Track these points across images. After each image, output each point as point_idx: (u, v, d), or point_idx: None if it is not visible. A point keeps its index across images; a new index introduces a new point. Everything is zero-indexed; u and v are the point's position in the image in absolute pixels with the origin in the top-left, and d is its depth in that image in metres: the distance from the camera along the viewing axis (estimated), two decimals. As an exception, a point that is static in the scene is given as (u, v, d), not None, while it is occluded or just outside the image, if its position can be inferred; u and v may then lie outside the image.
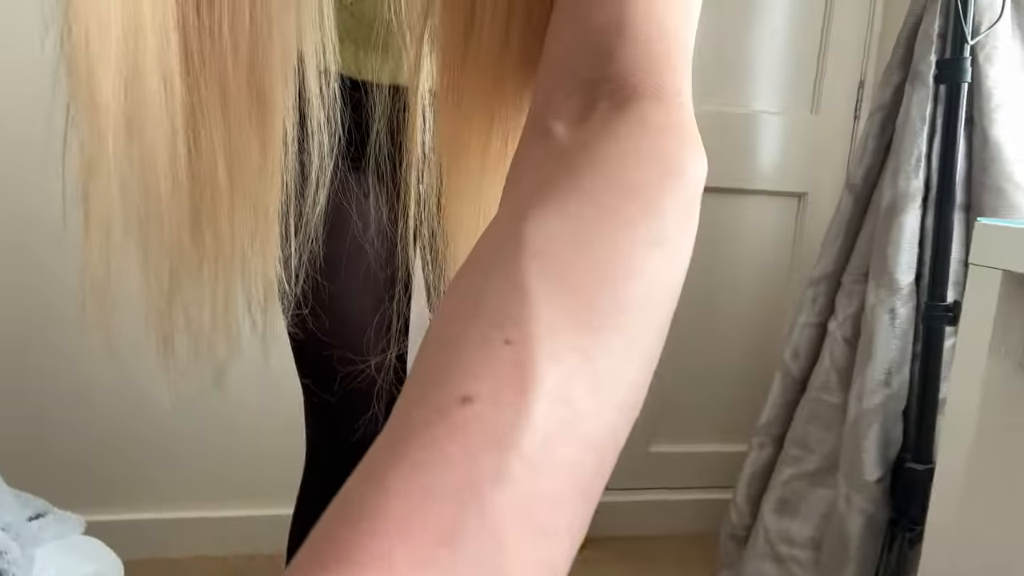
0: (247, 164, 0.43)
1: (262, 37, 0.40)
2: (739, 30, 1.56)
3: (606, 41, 0.32)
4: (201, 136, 0.41)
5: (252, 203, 0.44)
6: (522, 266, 0.26)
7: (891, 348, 1.21)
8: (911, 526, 1.18)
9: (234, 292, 0.46)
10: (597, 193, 0.28)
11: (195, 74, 0.39)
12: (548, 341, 0.24)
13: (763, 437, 1.44)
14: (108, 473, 1.47)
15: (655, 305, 0.27)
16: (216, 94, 0.40)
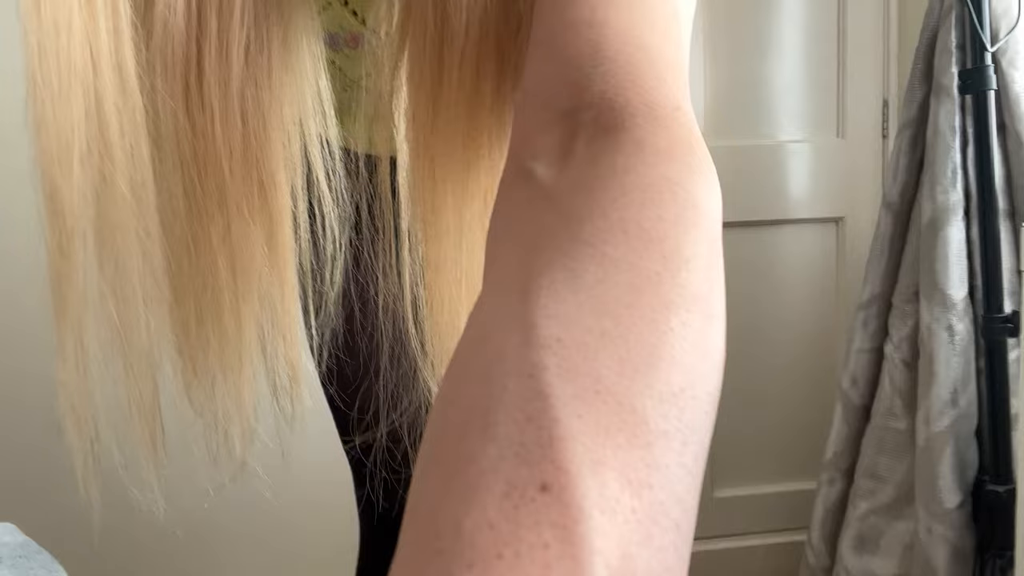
0: (251, 255, 0.42)
1: (256, 134, 0.39)
2: (755, 64, 1.57)
3: (585, 66, 0.29)
4: (197, 234, 0.40)
5: (263, 292, 0.43)
6: (536, 364, 0.21)
7: (953, 366, 1.17)
8: (1001, 551, 1.12)
9: (247, 386, 0.45)
10: (607, 247, 0.23)
11: (188, 173, 0.39)
12: (593, 479, 0.19)
13: (832, 472, 1.39)
14: (172, 564, 1.48)
15: (702, 387, 0.23)
16: (212, 191, 0.40)
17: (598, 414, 0.20)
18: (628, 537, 0.18)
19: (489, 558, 0.17)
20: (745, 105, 1.57)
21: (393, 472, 0.66)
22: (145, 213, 0.38)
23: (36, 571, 0.73)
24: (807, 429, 1.65)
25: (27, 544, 0.75)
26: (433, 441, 0.21)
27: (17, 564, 0.72)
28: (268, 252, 0.42)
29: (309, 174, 0.46)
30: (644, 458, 0.20)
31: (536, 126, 0.29)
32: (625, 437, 0.20)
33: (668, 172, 0.26)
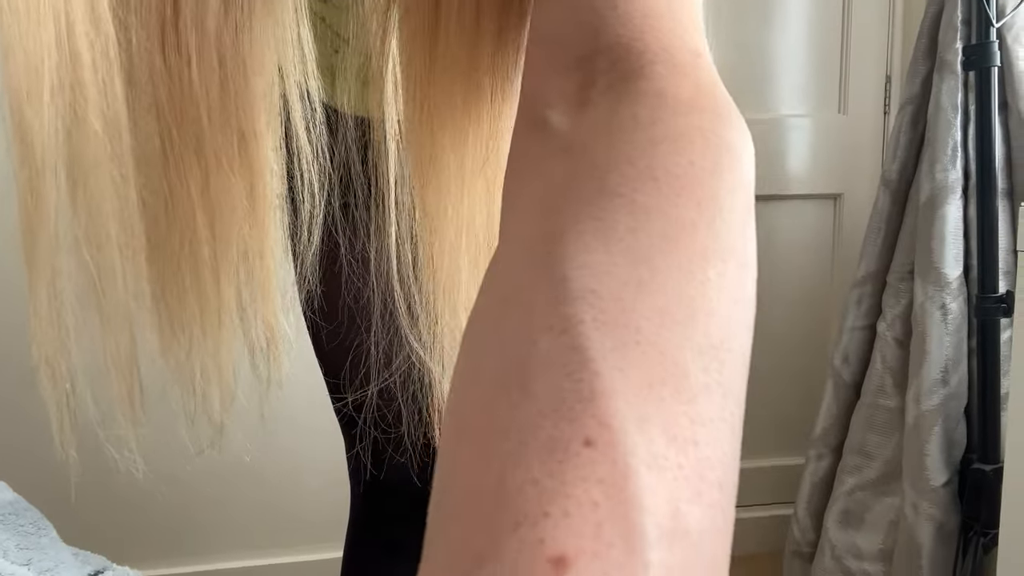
0: (231, 210, 0.40)
1: (235, 80, 0.37)
2: (758, 36, 1.55)
3: (600, 7, 0.27)
4: (174, 184, 0.38)
5: (242, 249, 0.41)
6: (570, 317, 0.19)
7: (945, 345, 1.17)
8: (984, 530, 1.13)
9: (226, 345, 0.43)
10: (637, 195, 0.22)
11: (164, 119, 0.37)
12: (639, 436, 0.18)
13: (820, 448, 1.40)
14: (165, 525, 1.50)
15: (739, 340, 0.22)
16: (189, 139, 0.38)
17: (639, 367, 0.19)
18: (677, 494, 0.18)
19: (536, 516, 0.17)
20: (746, 78, 1.55)
21: (383, 431, 0.66)
22: (120, 154, 0.36)
23: (27, 528, 0.73)
24: (799, 405, 1.66)
25: (17, 501, 0.75)
26: (464, 404, 0.20)
27: (7, 521, 0.72)
28: (248, 207, 0.40)
29: (289, 127, 0.44)
30: (688, 413, 0.19)
31: (549, 73, 0.27)
32: (668, 391, 0.19)
33: (696, 119, 0.24)
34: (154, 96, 0.36)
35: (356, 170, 0.51)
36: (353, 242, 0.57)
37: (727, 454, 0.20)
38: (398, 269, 0.46)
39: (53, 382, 0.38)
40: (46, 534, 0.72)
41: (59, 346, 0.37)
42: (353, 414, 0.64)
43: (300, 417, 1.51)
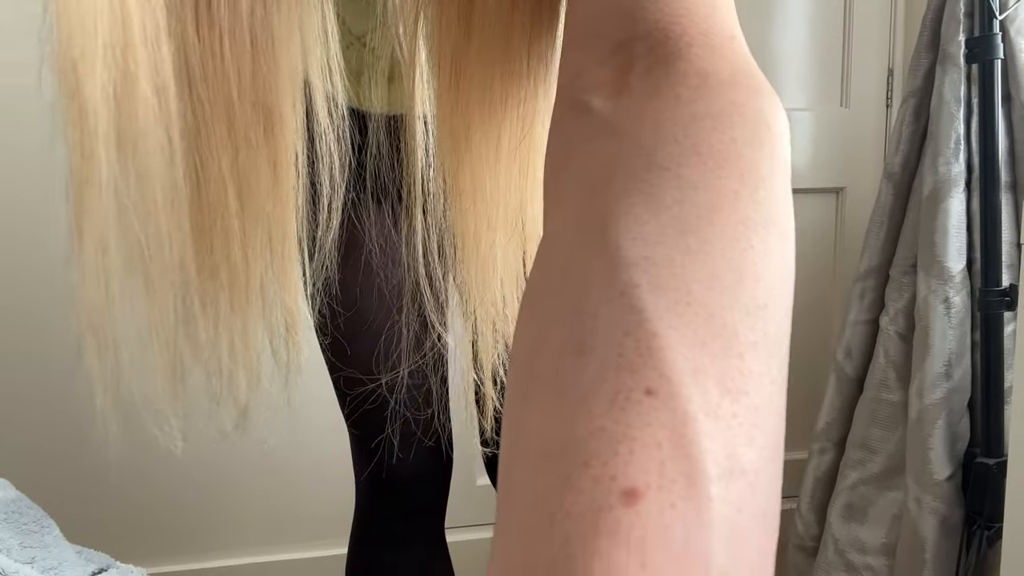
0: (257, 187, 0.40)
1: (266, 57, 0.38)
2: (759, 29, 1.54)
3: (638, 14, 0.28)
4: (206, 157, 0.38)
5: (267, 229, 0.41)
6: (627, 282, 0.21)
7: (948, 339, 1.17)
8: (988, 524, 1.12)
9: (253, 324, 0.43)
10: (682, 169, 0.23)
11: (197, 92, 0.37)
12: (695, 386, 0.19)
13: (823, 442, 1.40)
14: (171, 523, 1.50)
15: (782, 302, 0.23)
16: (221, 114, 0.38)
17: (692, 326, 0.20)
18: (732, 440, 0.19)
19: (605, 456, 0.18)
20: (748, 72, 1.55)
21: (415, 412, 0.68)
22: (168, 121, 0.36)
23: (30, 526, 0.73)
24: (802, 399, 1.66)
25: (20, 499, 0.75)
26: (530, 368, 0.22)
27: (10, 519, 0.72)
28: (273, 185, 0.40)
29: (310, 111, 0.44)
30: (738, 367, 0.20)
31: (589, 58, 0.28)
32: (719, 347, 0.20)
33: (736, 97, 0.25)
34: (187, 70, 0.36)
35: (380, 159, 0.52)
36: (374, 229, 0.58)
37: (775, 406, 0.21)
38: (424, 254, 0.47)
39: (98, 351, 0.38)
40: (49, 532, 0.72)
41: (105, 314, 0.37)
42: (386, 395, 0.66)
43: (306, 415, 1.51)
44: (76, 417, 1.43)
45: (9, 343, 1.38)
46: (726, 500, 0.19)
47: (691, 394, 0.19)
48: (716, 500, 0.18)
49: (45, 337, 1.40)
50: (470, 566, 1.47)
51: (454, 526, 1.57)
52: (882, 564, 1.27)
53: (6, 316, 1.38)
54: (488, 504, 1.41)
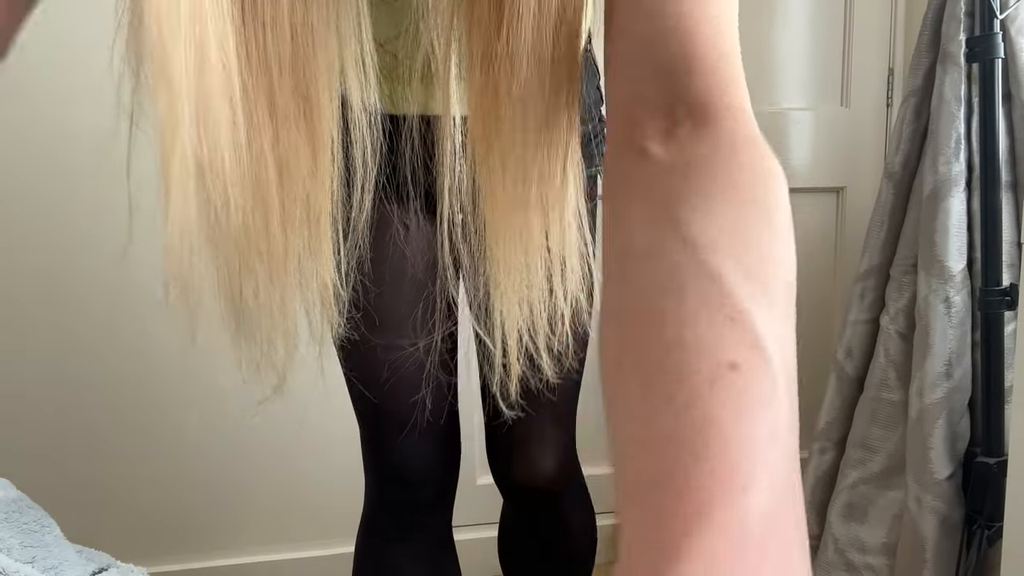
0: (296, 167, 0.43)
1: (305, 50, 0.41)
2: (761, 28, 1.54)
3: (680, 69, 0.38)
4: (252, 135, 0.41)
5: (305, 207, 0.45)
6: (707, 262, 0.31)
7: (949, 338, 1.17)
8: (989, 523, 1.12)
9: (290, 295, 0.47)
10: (725, 193, 0.34)
11: (244, 72, 0.40)
12: (759, 315, 0.30)
13: (824, 442, 1.40)
14: (171, 523, 1.50)
15: (792, 285, 0.34)
16: (263, 98, 0.41)
17: (752, 287, 0.31)
18: (777, 346, 0.30)
19: (720, 348, 0.29)
20: (749, 71, 1.53)
21: (447, 374, 0.77)
22: (232, 93, 0.39)
23: (30, 526, 0.73)
24: (802, 398, 1.65)
25: (20, 499, 0.75)
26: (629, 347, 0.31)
27: (10, 519, 0.72)
28: (312, 167, 0.44)
29: (345, 101, 0.48)
30: (776, 314, 0.31)
31: (644, 114, 0.38)
32: (767, 300, 0.31)
33: (750, 156, 0.36)
34: (237, 53, 0.40)
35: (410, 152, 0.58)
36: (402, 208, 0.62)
37: (791, 341, 0.33)
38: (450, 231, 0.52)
39: (185, 297, 0.42)
40: (50, 532, 0.72)
41: (189, 264, 0.41)
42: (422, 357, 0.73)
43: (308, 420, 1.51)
44: (77, 417, 1.43)
45: (10, 343, 1.38)
46: (781, 383, 0.30)
47: (759, 320, 0.30)
48: (780, 383, 0.30)
49: (45, 337, 1.40)
50: (471, 566, 1.47)
51: (454, 525, 1.57)
52: (882, 564, 1.27)
53: (6, 317, 1.38)
54: (488, 504, 1.41)
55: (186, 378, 1.45)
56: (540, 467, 0.86)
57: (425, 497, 0.85)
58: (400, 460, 0.81)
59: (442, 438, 0.84)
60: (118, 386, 1.43)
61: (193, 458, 1.48)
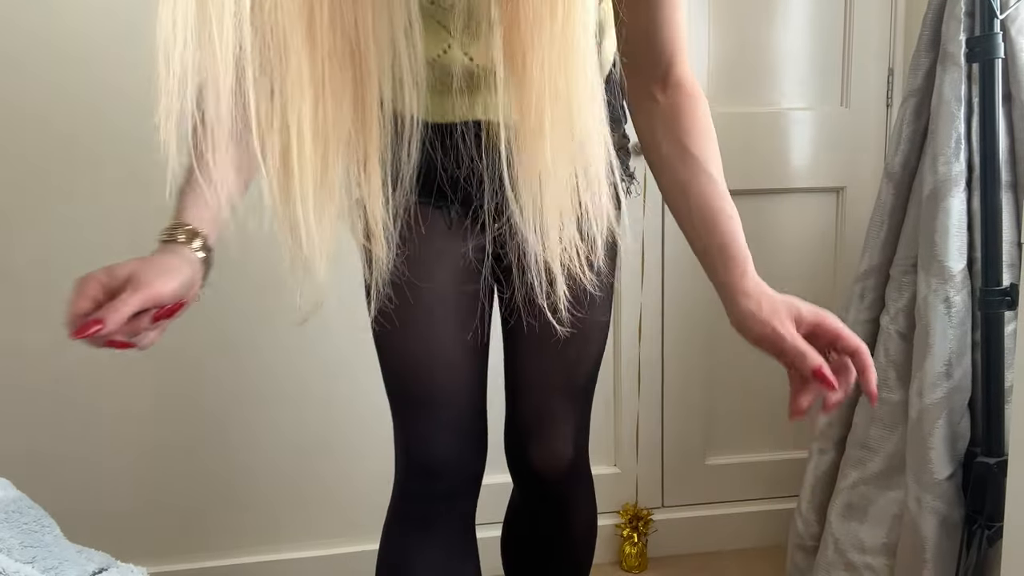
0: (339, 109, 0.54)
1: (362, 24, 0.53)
2: (761, 29, 1.54)
3: (668, 55, 0.73)
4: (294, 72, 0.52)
5: (347, 143, 0.56)
6: (705, 167, 0.72)
7: (949, 338, 1.17)
8: (989, 523, 1.12)
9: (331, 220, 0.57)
10: (699, 125, 0.74)
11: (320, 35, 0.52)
12: (725, 186, 0.72)
13: (823, 442, 1.40)
14: (171, 523, 1.50)
15: None
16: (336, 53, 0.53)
17: (717, 165, 0.74)
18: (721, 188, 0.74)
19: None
20: (749, 72, 1.55)
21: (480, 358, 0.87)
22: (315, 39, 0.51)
23: (30, 526, 0.72)
24: (801, 399, 1.66)
25: (20, 499, 0.75)
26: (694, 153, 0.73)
27: (11, 519, 0.72)
28: (357, 111, 0.55)
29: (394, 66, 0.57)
30: (720, 171, 0.74)
31: (650, 77, 0.74)
32: (718, 169, 0.74)
33: (702, 101, 0.75)
34: None
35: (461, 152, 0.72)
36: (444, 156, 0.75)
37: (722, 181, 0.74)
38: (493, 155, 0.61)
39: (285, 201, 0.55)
40: (50, 532, 0.72)
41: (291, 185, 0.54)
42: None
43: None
44: (77, 417, 1.43)
45: (10, 344, 1.38)
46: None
47: (717, 175, 0.73)
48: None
49: (46, 338, 1.40)
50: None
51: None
52: (882, 563, 1.27)
53: (6, 316, 1.38)
54: (489, 504, 1.41)
55: (186, 377, 1.45)
56: (556, 448, 0.90)
57: (451, 486, 0.87)
58: (425, 452, 0.85)
59: (469, 429, 0.88)
60: (118, 385, 1.43)
61: (193, 458, 1.48)
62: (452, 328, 0.84)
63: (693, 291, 1.58)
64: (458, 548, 0.90)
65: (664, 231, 1.55)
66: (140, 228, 1.45)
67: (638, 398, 1.61)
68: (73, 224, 1.36)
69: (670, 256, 1.56)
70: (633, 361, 1.60)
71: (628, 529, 1.59)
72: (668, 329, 1.60)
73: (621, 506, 1.63)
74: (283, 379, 1.47)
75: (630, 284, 1.57)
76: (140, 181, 1.37)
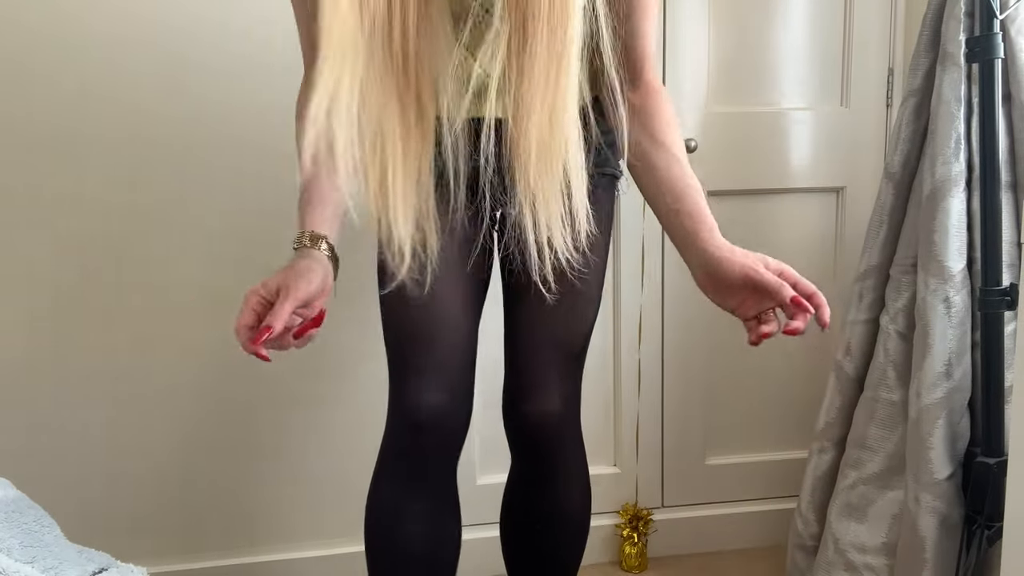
0: (407, 126, 0.70)
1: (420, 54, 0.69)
2: (760, 29, 1.54)
3: (641, 62, 0.88)
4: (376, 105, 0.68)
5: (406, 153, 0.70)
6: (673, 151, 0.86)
7: (949, 338, 1.17)
8: (989, 523, 1.12)
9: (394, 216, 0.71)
10: (666, 119, 0.88)
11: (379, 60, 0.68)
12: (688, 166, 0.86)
13: (823, 441, 1.40)
14: (171, 523, 1.50)
15: None
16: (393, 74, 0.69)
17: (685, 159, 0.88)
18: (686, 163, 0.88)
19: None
20: (748, 71, 1.55)
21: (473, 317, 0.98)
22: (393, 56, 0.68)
23: (30, 525, 0.72)
24: (802, 399, 1.66)
25: (20, 499, 0.75)
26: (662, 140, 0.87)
27: (11, 518, 0.72)
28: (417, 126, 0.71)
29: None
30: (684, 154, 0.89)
31: (627, 82, 0.85)
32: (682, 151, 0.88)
33: (668, 101, 0.90)
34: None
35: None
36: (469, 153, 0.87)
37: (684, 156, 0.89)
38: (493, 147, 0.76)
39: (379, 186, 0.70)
40: (50, 532, 0.72)
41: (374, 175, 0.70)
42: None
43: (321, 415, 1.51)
44: (78, 417, 1.43)
45: (10, 344, 1.38)
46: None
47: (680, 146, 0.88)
48: None
49: (46, 337, 1.40)
50: (471, 566, 1.47)
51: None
52: (882, 563, 1.27)
53: (6, 317, 1.38)
54: (488, 504, 1.41)
55: (187, 378, 1.45)
56: (548, 406, 0.98)
57: (441, 440, 0.95)
58: (422, 406, 0.93)
59: (459, 383, 0.95)
60: (118, 386, 1.43)
61: (194, 458, 1.48)
62: (454, 297, 0.94)
63: (693, 292, 1.57)
64: (445, 499, 0.99)
65: (664, 232, 1.55)
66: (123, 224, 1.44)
67: (638, 398, 1.62)
68: (67, 229, 1.36)
69: (670, 256, 1.56)
70: (633, 361, 1.60)
71: (628, 529, 1.59)
72: (668, 329, 1.60)
73: (621, 506, 1.63)
74: (283, 380, 1.47)
75: (630, 285, 1.57)
76: (126, 181, 1.37)
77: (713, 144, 1.54)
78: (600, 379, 1.62)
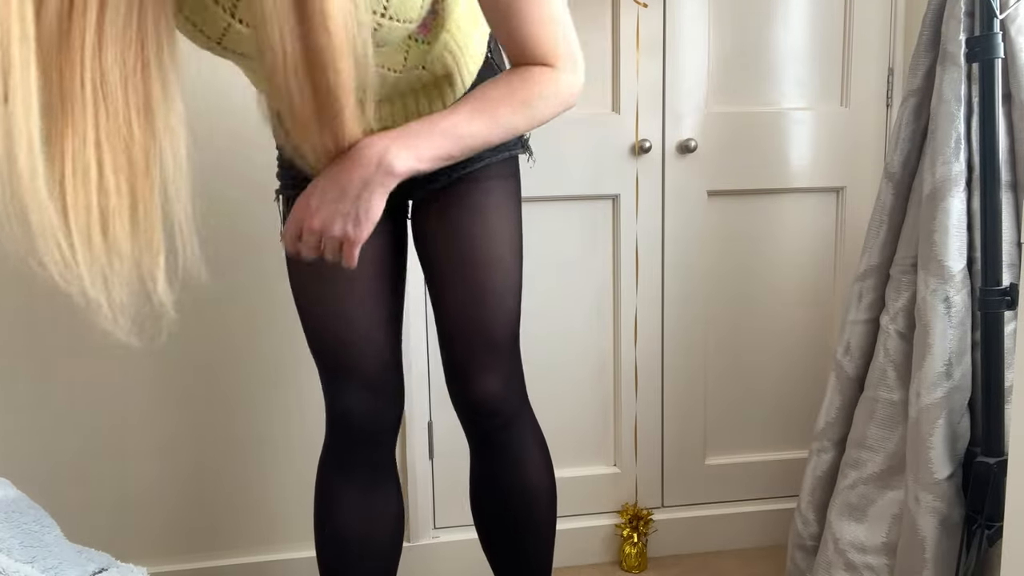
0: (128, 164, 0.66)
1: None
2: (760, 29, 1.54)
3: (521, 53, 0.83)
4: None
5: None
6: (504, 107, 0.83)
7: (949, 338, 1.17)
8: (989, 523, 1.12)
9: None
10: (522, 76, 0.83)
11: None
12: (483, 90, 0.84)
13: (823, 441, 1.40)
14: (171, 523, 1.50)
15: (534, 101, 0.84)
16: None
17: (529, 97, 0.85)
18: None
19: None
20: (748, 71, 1.55)
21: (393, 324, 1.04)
22: None
23: (30, 526, 0.72)
24: (802, 399, 1.66)
25: (20, 499, 0.75)
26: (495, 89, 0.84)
27: (11, 518, 0.72)
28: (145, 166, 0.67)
29: None
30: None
31: (513, 63, 0.85)
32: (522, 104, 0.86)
33: (538, 77, 0.84)
34: None
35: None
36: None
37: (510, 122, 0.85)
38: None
39: None
40: (50, 532, 0.72)
41: None
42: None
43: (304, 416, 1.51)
44: (78, 417, 1.43)
45: (10, 344, 1.38)
46: None
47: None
48: None
49: (46, 337, 1.40)
50: (468, 566, 1.47)
51: (448, 526, 1.57)
52: (882, 563, 1.27)
53: (6, 317, 1.38)
54: (488, 504, 1.41)
55: (187, 379, 1.45)
56: (488, 388, 1.02)
57: (368, 435, 1.02)
58: (345, 408, 1.01)
59: (383, 383, 1.01)
60: (118, 386, 1.43)
61: (194, 458, 1.48)
62: (366, 299, 0.98)
63: (693, 292, 1.58)
64: (375, 484, 1.05)
65: (664, 232, 1.55)
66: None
67: (637, 398, 1.62)
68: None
69: (670, 257, 1.56)
70: (632, 361, 1.60)
71: (628, 529, 1.59)
72: (667, 329, 1.60)
73: (621, 506, 1.63)
74: (283, 381, 1.47)
75: (628, 285, 1.57)
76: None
77: (713, 144, 1.54)
78: (599, 379, 1.62)
